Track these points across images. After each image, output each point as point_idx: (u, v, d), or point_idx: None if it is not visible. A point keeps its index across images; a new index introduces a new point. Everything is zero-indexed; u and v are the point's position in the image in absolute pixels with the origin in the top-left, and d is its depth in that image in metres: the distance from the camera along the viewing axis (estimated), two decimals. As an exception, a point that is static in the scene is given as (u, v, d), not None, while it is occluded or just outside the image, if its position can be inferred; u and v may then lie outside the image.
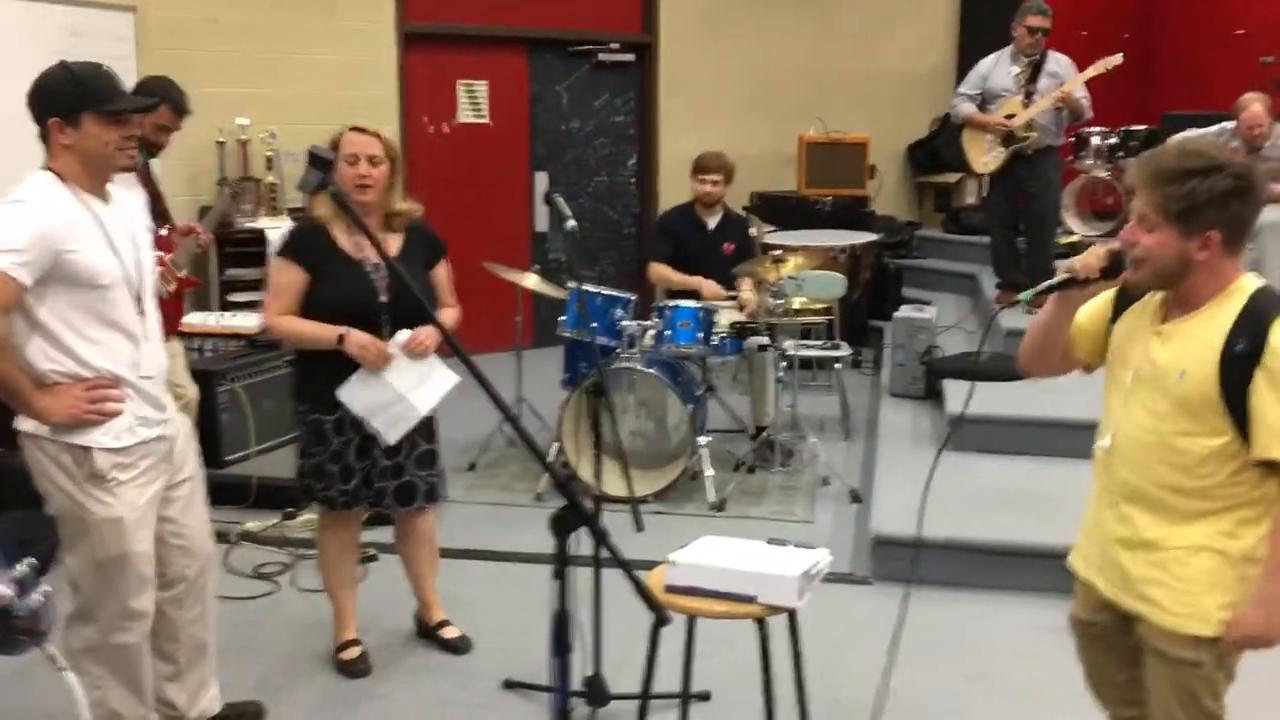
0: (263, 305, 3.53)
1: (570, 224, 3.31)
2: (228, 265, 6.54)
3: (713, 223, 5.96)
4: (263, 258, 6.53)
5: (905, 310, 6.46)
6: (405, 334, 3.46)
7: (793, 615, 2.70)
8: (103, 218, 2.74)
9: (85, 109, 2.67)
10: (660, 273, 5.92)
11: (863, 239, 7.34)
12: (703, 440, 5.22)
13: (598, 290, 5.33)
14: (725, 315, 5.44)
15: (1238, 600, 2.26)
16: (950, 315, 7.18)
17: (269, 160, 6.83)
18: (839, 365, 6.42)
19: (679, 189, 7.53)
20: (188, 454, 3.00)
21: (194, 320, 5.46)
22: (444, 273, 3.73)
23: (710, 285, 5.69)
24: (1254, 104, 6.16)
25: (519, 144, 8.10)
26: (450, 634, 3.83)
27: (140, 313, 2.80)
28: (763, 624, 2.67)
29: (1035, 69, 6.48)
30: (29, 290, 2.60)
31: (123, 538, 2.74)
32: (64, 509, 2.74)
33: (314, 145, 2.23)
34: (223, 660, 3.31)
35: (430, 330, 3.44)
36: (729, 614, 2.60)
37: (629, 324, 5.17)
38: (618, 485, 4.73)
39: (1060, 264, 2.41)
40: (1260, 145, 6.23)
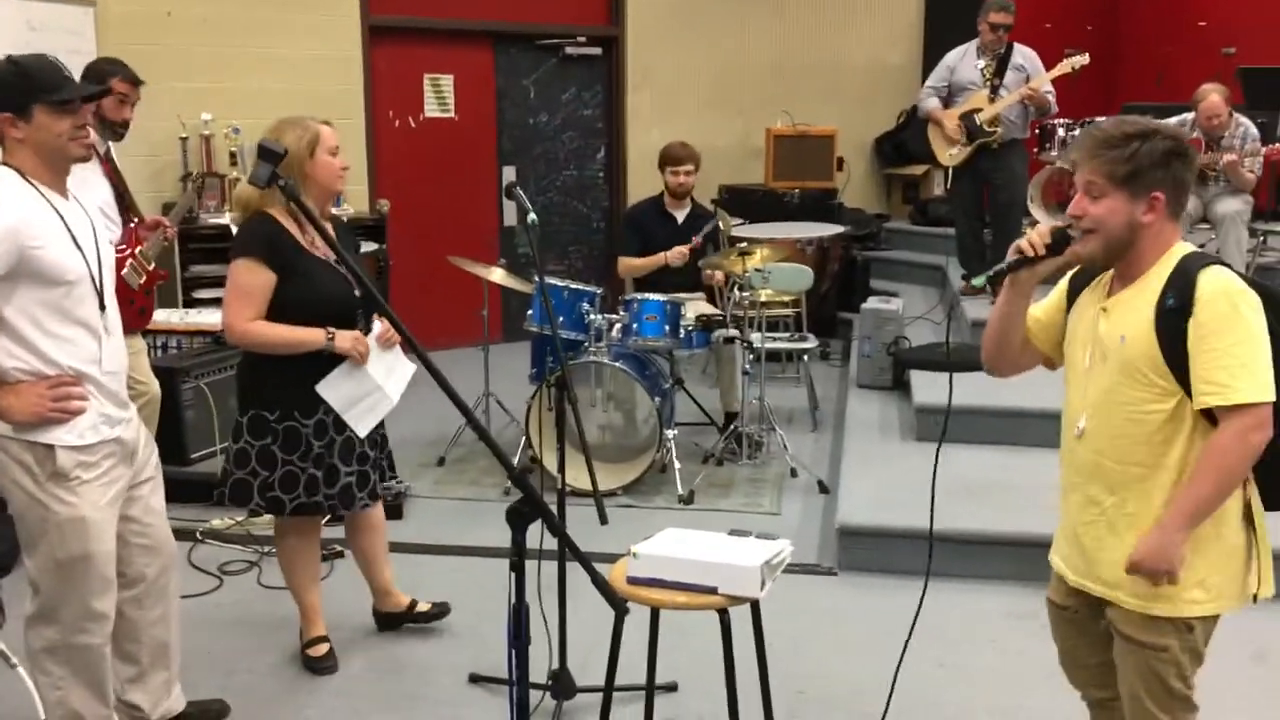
0: (225, 311, 3.32)
1: (531, 217, 3.30)
2: (192, 262, 6.49)
3: (681, 215, 5.97)
4: (227, 253, 6.47)
5: (872, 302, 6.49)
6: (379, 325, 3.46)
7: (755, 605, 2.70)
8: (64, 213, 2.71)
9: (35, 101, 2.64)
10: (628, 265, 5.93)
11: (830, 231, 7.36)
12: (671, 433, 5.23)
13: (564, 284, 5.32)
14: (692, 308, 5.45)
15: (1203, 579, 2.28)
16: (918, 306, 7.22)
17: (233, 155, 6.78)
18: (806, 357, 6.44)
19: (647, 182, 7.53)
20: (149, 453, 2.97)
21: (158, 317, 5.41)
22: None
23: (673, 252, 5.70)
24: (1212, 94, 6.21)
25: (486, 138, 8.07)
26: (426, 607, 3.85)
27: (102, 308, 2.77)
28: (725, 614, 2.67)
29: (1001, 63, 6.52)
30: None
31: (85, 537, 2.71)
32: (25, 508, 2.71)
33: (264, 139, 2.21)
34: (186, 658, 3.28)
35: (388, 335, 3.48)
36: (690, 605, 2.60)
37: (596, 318, 5.17)
38: (582, 478, 4.72)
39: (1010, 246, 2.43)
40: (1220, 135, 6.29)
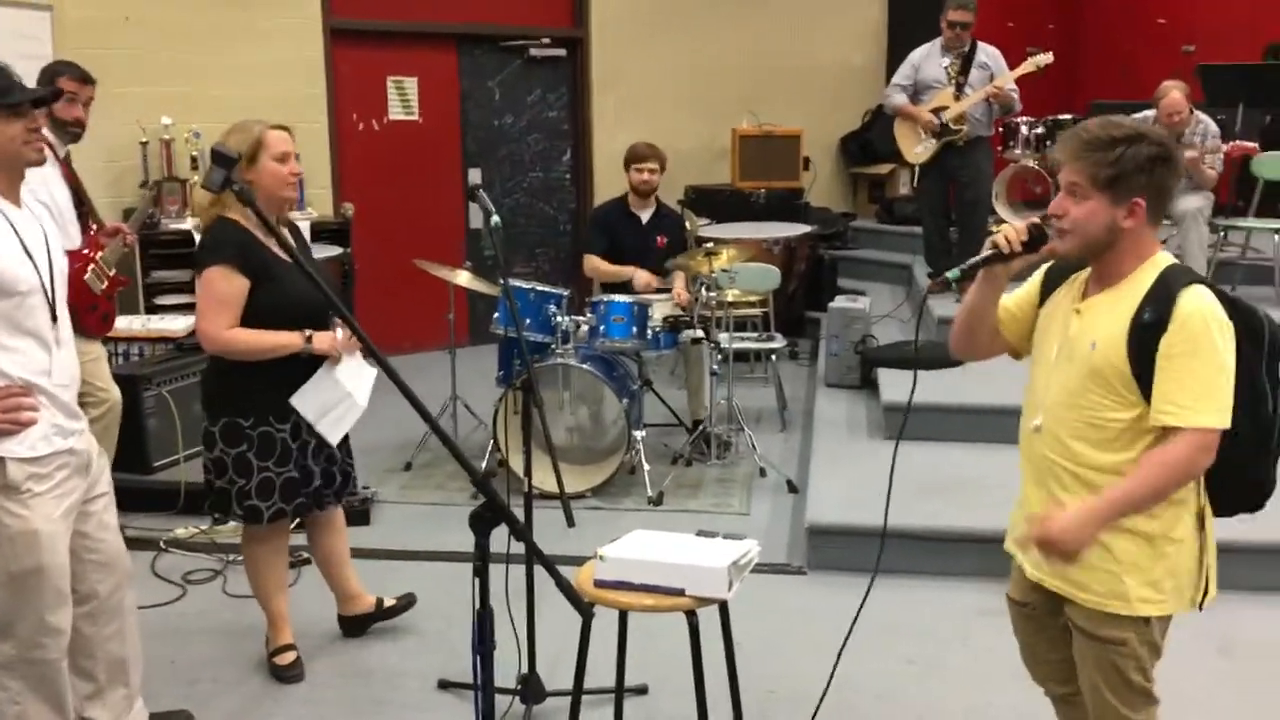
0: (201, 320, 3.30)
1: (495, 219, 3.28)
2: (153, 268, 6.42)
3: (646, 216, 5.96)
4: (189, 259, 6.40)
5: (840, 301, 6.50)
6: (341, 333, 3.42)
7: (723, 606, 2.69)
8: (15, 222, 2.66)
9: None
10: (594, 264, 5.92)
11: (797, 231, 7.38)
12: (639, 434, 5.22)
13: (531, 286, 5.30)
14: (659, 309, 5.44)
15: (1157, 580, 2.30)
16: (885, 305, 7.24)
17: (193, 160, 6.71)
18: (774, 357, 6.45)
19: (613, 183, 7.51)
20: (102, 468, 2.92)
21: (120, 324, 5.33)
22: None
23: (642, 275, 5.70)
24: (1173, 91, 6.26)
25: (450, 140, 8.03)
26: (391, 601, 3.83)
27: (54, 319, 2.72)
28: (693, 616, 2.66)
29: (966, 61, 6.56)
30: None
31: (38, 550, 2.66)
32: None
33: (217, 143, 2.18)
34: (151, 668, 3.24)
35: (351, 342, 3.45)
36: (657, 607, 2.58)
37: (563, 320, 5.15)
38: (550, 481, 4.70)
39: (986, 241, 2.43)
40: (1180, 132, 6.34)
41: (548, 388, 5.09)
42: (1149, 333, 2.21)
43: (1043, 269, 2.53)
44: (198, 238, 6.33)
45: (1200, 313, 2.19)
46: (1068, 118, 7.86)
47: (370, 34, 7.53)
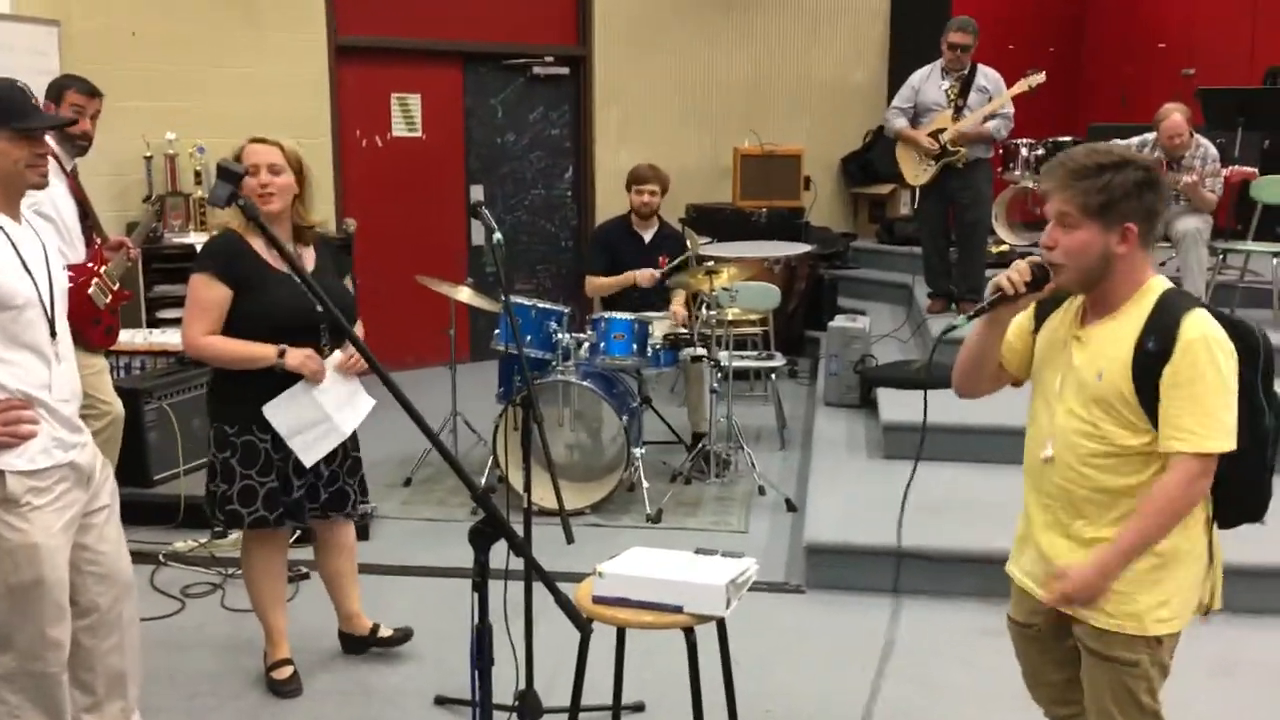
0: (183, 325, 3.40)
1: (497, 236, 3.30)
2: (155, 282, 6.44)
3: (648, 235, 5.99)
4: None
5: (839, 320, 6.51)
6: (339, 354, 3.42)
7: (721, 624, 2.70)
8: (14, 237, 2.68)
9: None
10: (596, 284, 5.94)
11: (797, 250, 7.40)
12: (639, 452, 5.22)
13: (532, 303, 5.32)
14: (659, 327, 5.45)
15: (1168, 599, 2.30)
16: (885, 324, 7.26)
17: (197, 175, 6.74)
18: (774, 375, 6.46)
19: (615, 201, 7.55)
20: (105, 480, 2.92)
21: (122, 337, 5.34)
22: (346, 284, 3.71)
23: (642, 273, 5.72)
24: (1173, 114, 6.29)
25: (453, 157, 8.06)
26: (388, 633, 3.82)
27: (53, 334, 2.74)
28: (690, 633, 2.67)
29: (965, 84, 6.59)
30: None
31: (37, 564, 2.66)
32: None
33: (223, 159, 2.20)
34: (150, 682, 3.24)
35: (352, 363, 3.44)
36: (655, 624, 2.59)
37: (564, 337, 5.17)
38: (550, 497, 4.71)
39: (989, 284, 2.44)
40: (1181, 155, 6.36)
41: (548, 404, 5.10)
42: (1153, 360, 2.23)
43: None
44: (200, 251, 6.39)
45: (1204, 339, 2.20)
46: (1068, 140, 7.91)
47: (375, 51, 7.58)
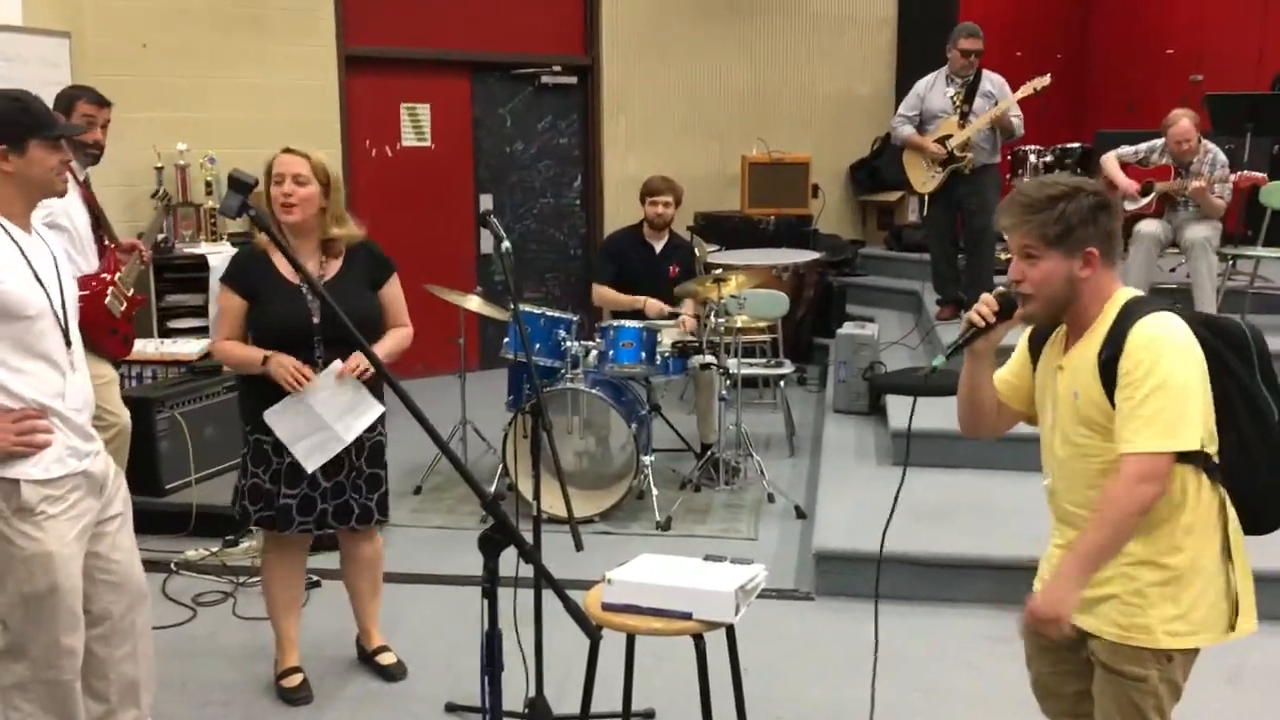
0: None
1: (505, 245, 3.32)
2: (167, 291, 6.47)
3: (659, 246, 6.01)
4: (203, 283, 6.47)
5: (848, 327, 6.52)
6: (338, 364, 3.42)
7: (730, 630, 2.71)
8: (25, 248, 2.71)
9: (32, 135, 2.66)
10: (604, 295, 5.95)
11: (805, 257, 7.41)
12: (648, 459, 5.23)
13: (540, 311, 5.34)
14: (668, 335, 5.47)
15: (1184, 613, 2.29)
16: (894, 332, 7.26)
17: (208, 185, 6.78)
18: (783, 383, 6.47)
19: (624, 210, 7.58)
20: (117, 489, 2.94)
21: (133, 347, 5.40)
22: (395, 292, 3.68)
23: (654, 303, 5.73)
24: (1182, 119, 6.29)
25: (462, 167, 8.09)
26: (386, 660, 3.80)
27: (67, 344, 2.76)
28: (700, 640, 2.67)
29: (970, 89, 6.60)
30: None
31: (52, 572, 2.68)
32: None
33: (235, 169, 2.22)
34: (162, 690, 3.25)
35: (353, 368, 3.42)
36: (665, 631, 2.60)
37: (573, 345, 5.18)
38: (559, 505, 4.72)
39: (962, 321, 2.46)
40: (1189, 160, 6.36)
41: (557, 412, 5.12)
42: (1109, 368, 2.25)
43: (1025, 333, 2.56)
44: (212, 261, 6.45)
45: (1150, 340, 2.21)
46: (1075, 146, 7.92)
47: (384, 61, 7.61)
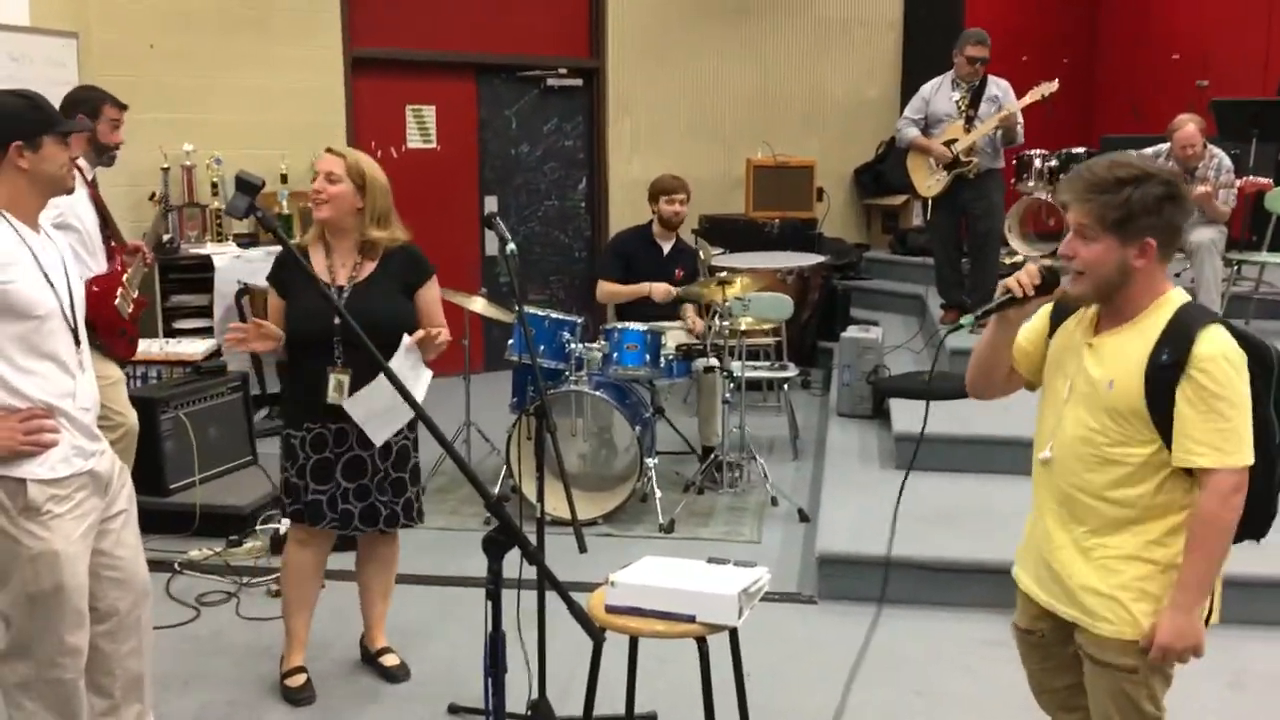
0: None
1: (510, 247, 3.32)
2: (173, 292, 6.48)
3: (667, 247, 6.03)
4: (208, 284, 6.49)
5: (852, 331, 6.52)
6: (407, 338, 3.39)
7: (733, 633, 2.71)
8: (34, 248, 2.72)
9: (45, 132, 2.68)
10: (608, 289, 5.96)
11: (810, 261, 7.41)
12: (651, 462, 5.23)
13: (545, 313, 5.34)
14: (673, 337, 5.47)
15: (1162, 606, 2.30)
16: (898, 335, 7.26)
17: (214, 186, 6.79)
18: (787, 386, 6.47)
19: (628, 212, 7.59)
20: (122, 486, 2.95)
21: (138, 347, 5.40)
22: (431, 295, 3.68)
23: (659, 287, 5.73)
24: (1188, 124, 6.29)
25: (468, 169, 8.10)
26: (389, 662, 3.80)
27: (76, 343, 2.77)
28: (703, 643, 2.68)
29: (976, 94, 6.60)
30: None
31: (57, 571, 2.69)
32: None
33: (242, 170, 2.23)
34: (164, 690, 3.26)
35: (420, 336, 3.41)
36: (668, 634, 2.61)
37: (577, 347, 5.19)
38: (563, 507, 4.73)
39: (999, 285, 2.45)
40: (1194, 166, 6.36)
41: (561, 414, 5.12)
42: (1167, 373, 2.22)
43: (1051, 303, 2.55)
44: (217, 262, 6.46)
45: (1223, 354, 2.20)
46: (1081, 151, 7.91)
47: (390, 63, 7.63)
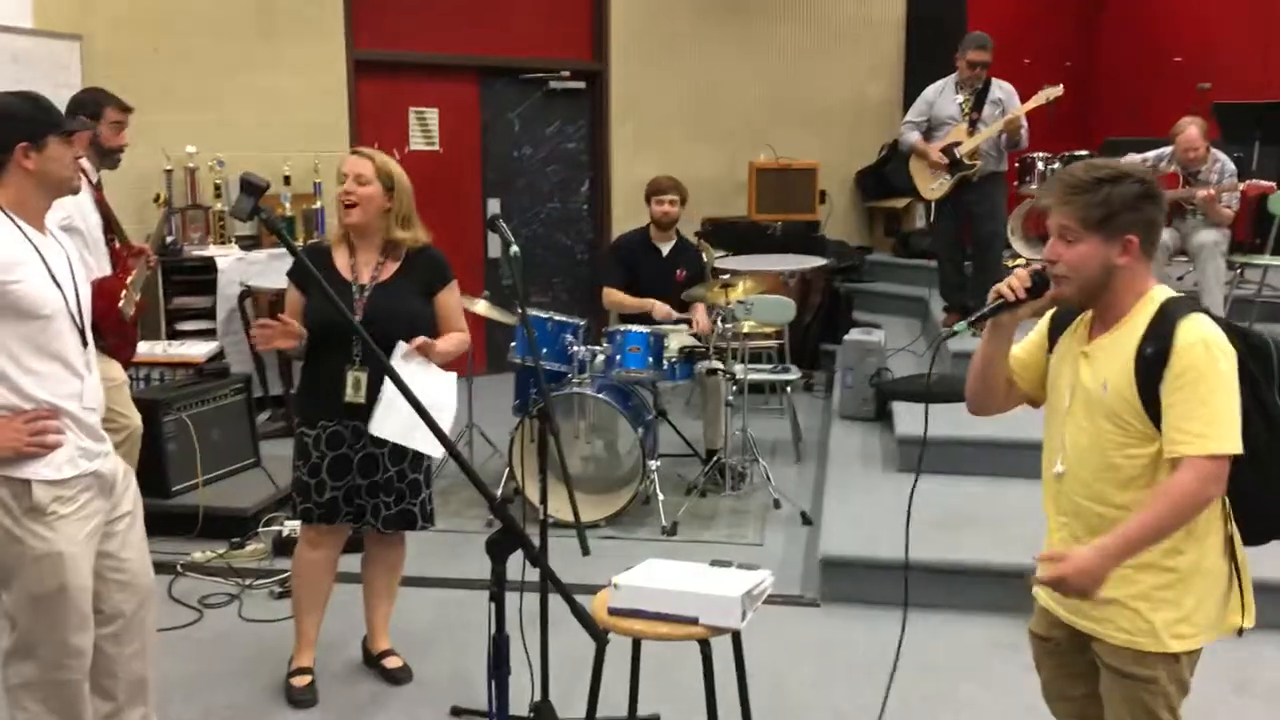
0: None
1: (514, 249, 3.32)
2: (176, 294, 6.48)
3: (666, 249, 6.02)
4: (211, 286, 6.50)
5: (855, 333, 6.52)
6: (403, 345, 3.39)
7: (736, 636, 2.70)
8: (41, 248, 2.72)
9: (50, 132, 2.69)
10: (613, 298, 5.96)
11: (813, 263, 7.41)
12: (654, 464, 5.23)
13: (548, 316, 5.34)
14: (675, 339, 5.47)
15: (1187, 615, 2.30)
16: (900, 338, 7.25)
17: (217, 188, 6.79)
18: (789, 388, 6.47)
19: (631, 214, 7.58)
20: (127, 488, 2.95)
21: (141, 349, 5.40)
22: (451, 300, 3.68)
23: (662, 306, 5.73)
24: (1190, 127, 6.29)
25: (471, 171, 8.11)
26: (392, 664, 3.81)
27: (84, 344, 2.78)
28: (706, 645, 2.67)
29: (979, 97, 6.59)
30: None
31: (62, 572, 2.69)
32: (1, 544, 2.69)
33: (246, 172, 2.23)
34: (166, 691, 3.26)
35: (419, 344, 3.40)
36: (671, 636, 2.60)
37: (579, 349, 5.19)
38: (566, 510, 4.73)
39: (990, 292, 2.46)
40: (1197, 169, 6.36)
41: (563, 417, 5.12)
42: (1152, 364, 2.24)
43: (1048, 314, 2.55)
44: (220, 264, 6.47)
45: (1202, 340, 2.21)
46: (1083, 154, 7.90)
47: (392, 65, 7.63)
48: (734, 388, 5.48)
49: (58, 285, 2.71)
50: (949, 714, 3.61)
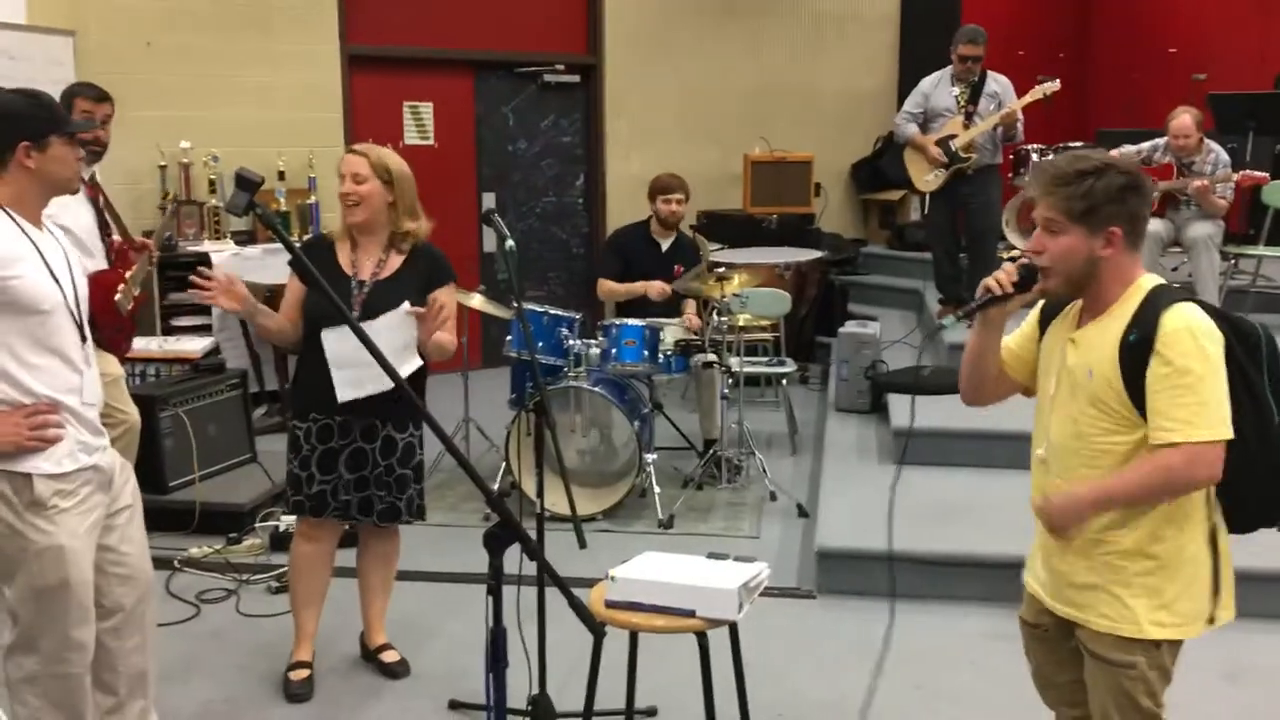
0: None
1: (509, 243, 3.33)
2: (171, 289, 6.48)
3: (666, 244, 6.02)
4: (206, 281, 6.48)
5: (850, 326, 6.53)
6: (406, 304, 3.40)
7: (733, 628, 2.72)
8: (39, 244, 2.73)
9: (53, 132, 2.69)
10: (606, 287, 5.97)
11: (808, 256, 7.42)
12: (650, 458, 5.24)
13: (543, 310, 5.35)
14: (671, 333, 5.48)
15: (1169, 603, 2.31)
16: (896, 330, 7.27)
17: (211, 183, 6.79)
18: (785, 381, 6.48)
19: (626, 208, 7.59)
20: (125, 481, 2.96)
21: (137, 345, 5.39)
22: (446, 298, 3.63)
23: (655, 285, 5.72)
24: (1183, 115, 6.30)
25: (465, 165, 8.10)
26: (389, 658, 3.81)
27: (82, 339, 2.78)
28: (703, 637, 2.69)
29: (975, 90, 6.60)
30: None
31: (63, 566, 2.70)
32: (2, 538, 2.69)
33: (241, 167, 2.23)
34: (165, 686, 3.27)
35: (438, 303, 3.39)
36: (668, 628, 2.61)
37: (575, 343, 5.19)
38: (562, 503, 4.73)
39: (979, 286, 2.47)
40: (1191, 160, 6.37)
41: (559, 410, 5.13)
42: (1136, 351, 2.25)
43: (1039, 305, 2.57)
44: (215, 259, 6.46)
45: (1187, 327, 2.22)
46: (1078, 145, 7.92)
47: (387, 60, 7.62)
48: (729, 381, 5.49)
49: (56, 281, 2.72)
50: (943, 703, 3.63)
